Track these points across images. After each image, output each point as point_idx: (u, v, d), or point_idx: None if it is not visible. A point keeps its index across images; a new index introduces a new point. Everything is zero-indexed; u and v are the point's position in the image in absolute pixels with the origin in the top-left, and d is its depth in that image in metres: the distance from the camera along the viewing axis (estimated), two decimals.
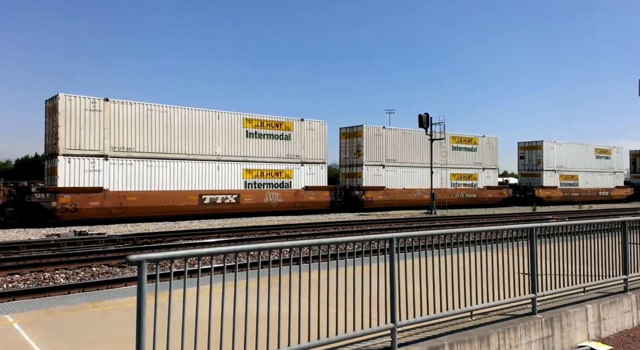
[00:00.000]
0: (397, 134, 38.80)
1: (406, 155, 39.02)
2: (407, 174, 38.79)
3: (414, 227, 22.76)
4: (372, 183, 36.60)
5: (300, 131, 32.88)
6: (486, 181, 44.07)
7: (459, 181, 42.34)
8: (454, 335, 5.05)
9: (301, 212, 32.17)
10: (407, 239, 5.01)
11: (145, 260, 3.28)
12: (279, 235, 18.78)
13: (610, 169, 54.50)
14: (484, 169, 43.98)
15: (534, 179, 48.20)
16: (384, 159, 37.64)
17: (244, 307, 3.78)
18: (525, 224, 6.48)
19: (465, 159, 42.87)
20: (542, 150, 48.06)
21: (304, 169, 33.01)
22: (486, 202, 43.29)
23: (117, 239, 17.27)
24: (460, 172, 42.47)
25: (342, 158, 38.36)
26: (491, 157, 44.67)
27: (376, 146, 37.07)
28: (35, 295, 8.82)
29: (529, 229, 6.06)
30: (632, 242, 7.54)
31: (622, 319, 7.04)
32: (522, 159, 49.91)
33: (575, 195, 49.46)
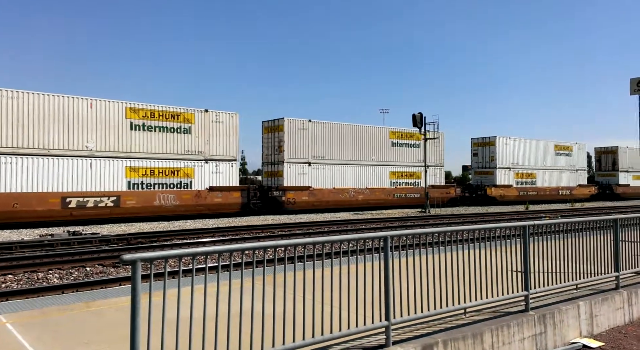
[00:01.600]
0: (326, 128, 34.74)
1: (338, 151, 35.00)
2: (338, 172, 34.82)
3: (407, 225, 22.83)
4: (296, 182, 32.73)
5: (204, 124, 28.55)
6: (430, 179, 40.10)
7: (400, 180, 38.54)
8: (447, 333, 5.09)
9: (205, 216, 28.21)
10: (401, 237, 5.04)
11: (139, 259, 3.28)
12: (274, 234, 18.78)
13: (572, 167, 51.62)
14: (428, 167, 39.58)
15: (488, 177, 45.44)
16: (310, 156, 33.51)
17: (239, 306, 3.78)
18: (518, 222, 6.53)
19: (407, 156, 39.30)
20: (496, 147, 45.11)
21: (208, 167, 28.72)
22: (431, 202, 38.52)
23: (111, 238, 17.21)
24: (401, 170, 38.73)
25: (264, 155, 34.40)
26: (437, 154, 41.21)
27: (300, 141, 33.10)
28: (29, 295, 8.78)
29: (521, 227, 6.11)
30: (623, 240, 7.61)
31: (613, 315, 7.11)
32: (476, 156, 47.07)
33: (532, 194, 46.75)
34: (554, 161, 49.60)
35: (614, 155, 56.29)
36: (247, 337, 3.81)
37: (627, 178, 56.21)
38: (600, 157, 58.24)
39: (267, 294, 3.97)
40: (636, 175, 57.74)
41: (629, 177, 56.50)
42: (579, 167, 52.51)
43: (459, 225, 8.96)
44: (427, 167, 37.59)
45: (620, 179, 55.54)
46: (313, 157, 33.83)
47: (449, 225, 22.69)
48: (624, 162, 56.03)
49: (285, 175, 32.38)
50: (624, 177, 55.94)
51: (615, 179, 55.55)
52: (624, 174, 56.11)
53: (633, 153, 56.84)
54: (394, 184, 38.04)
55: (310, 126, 33.83)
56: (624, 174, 56.11)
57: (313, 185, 33.48)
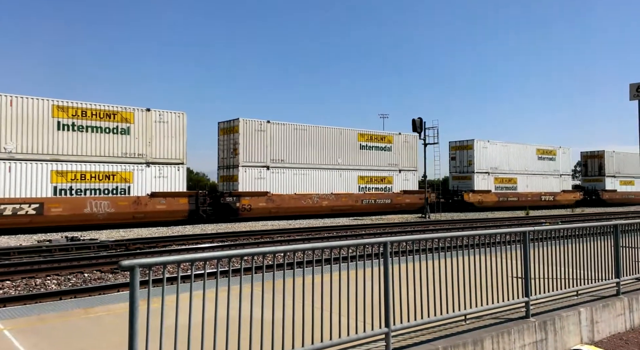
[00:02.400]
0: (287, 130, 32.27)
1: (300, 154, 32.65)
2: (301, 177, 32.48)
3: (407, 231, 22.79)
4: (253, 187, 30.44)
5: (145, 124, 26.08)
6: (403, 184, 37.85)
7: (369, 185, 36.05)
8: (448, 340, 5.05)
9: (144, 224, 25.80)
10: (401, 243, 5.01)
11: (137, 265, 3.26)
12: (273, 240, 18.73)
13: (555, 172, 49.35)
14: (400, 171, 37.73)
15: (465, 183, 43.34)
16: (269, 159, 31.22)
17: (238, 312, 3.76)
18: (518, 228, 6.51)
19: (378, 160, 36.64)
20: (474, 150, 42.95)
21: (150, 171, 26.21)
22: (403, 208, 37.38)
23: (110, 244, 17.15)
24: (371, 175, 36.20)
25: (220, 158, 32.07)
26: (410, 157, 38.60)
27: (258, 144, 30.84)
28: (27, 301, 8.73)
29: (522, 233, 6.09)
30: (624, 246, 7.59)
31: (614, 322, 7.08)
32: (454, 160, 45.04)
33: (513, 200, 44.70)
34: (536, 166, 47.65)
35: (600, 159, 54.16)
36: (245, 344, 3.78)
37: (614, 183, 54.08)
38: (586, 161, 55.96)
39: (267, 300, 3.94)
40: (624, 180, 55.51)
41: (615, 183, 54.34)
42: (563, 172, 50.42)
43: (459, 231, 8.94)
44: (400, 170, 36.35)
45: (607, 184, 53.48)
46: (272, 160, 31.44)
47: (449, 231, 22.65)
48: (611, 167, 53.99)
49: (240, 180, 30.04)
50: (610, 182, 53.86)
51: (601, 184, 53.52)
52: (611, 179, 53.98)
53: (620, 157, 54.98)
54: (362, 189, 35.58)
55: (269, 127, 31.47)
56: (611, 179, 53.98)
57: (272, 190, 31.07)
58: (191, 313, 3.49)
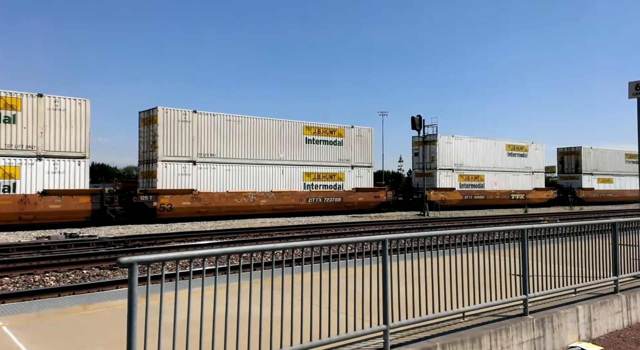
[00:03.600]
0: (217, 121, 29.26)
1: (235, 148, 29.67)
2: (234, 173, 29.57)
3: (406, 228, 22.81)
4: (177, 185, 27.30)
5: (36, 112, 23.04)
6: (356, 182, 35.07)
7: (317, 182, 33.14)
8: (446, 337, 5.07)
9: (37, 226, 22.64)
10: (399, 240, 5.02)
11: (136, 262, 3.26)
12: (272, 237, 18.74)
13: (527, 169, 46.65)
14: (353, 167, 34.93)
15: (428, 180, 40.12)
16: (196, 153, 28.12)
17: (237, 309, 3.76)
18: (516, 225, 6.52)
19: (327, 155, 33.86)
20: (437, 146, 40.45)
21: (42, 166, 23.04)
22: (355, 208, 34.71)
23: (109, 241, 17.16)
24: (319, 171, 33.33)
25: (141, 152, 28.69)
26: (364, 152, 35.81)
27: (182, 136, 27.74)
28: (25, 298, 8.73)
29: (520, 230, 6.10)
30: (622, 244, 7.61)
31: (612, 319, 7.10)
32: (417, 156, 42.26)
33: (479, 198, 42.18)
34: (505, 162, 45.18)
35: (577, 156, 51.52)
36: (244, 340, 3.79)
37: (591, 181, 51.66)
38: (563, 158, 53.08)
39: (265, 297, 3.94)
40: (602, 178, 52.92)
41: (593, 180, 51.94)
42: (536, 168, 47.62)
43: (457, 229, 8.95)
44: (353, 167, 34.54)
45: (584, 182, 51.03)
46: (200, 154, 28.31)
47: (447, 229, 22.68)
48: (588, 164, 51.52)
49: (159, 176, 26.80)
50: (587, 180, 51.39)
51: (578, 182, 51.03)
52: (588, 176, 51.49)
53: (598, 154, 52.61)
54: (308, 186, 32.64)
55: (196, 118, 28.32)
56: (588, 176, 51.49)
57: (200, 188, 27.99)
58: (189, 310, 3.49)
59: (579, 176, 51.17)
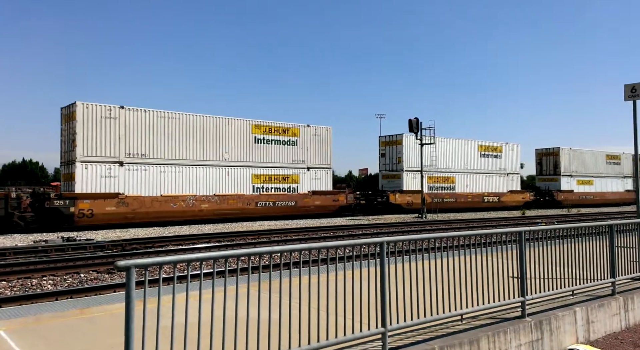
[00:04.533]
0: (149, 118, 26.52)
1: (171, 149, 27.17)
2: (171, 175, 27.02)
3: (404, 231, 22.82)
4: (100, 188, 24.60)
5: None
6: (313, 184, 32.81)
7: (268, 184, 30.92)
8: (444, 339, 5.07)
9: None
10: (397, 243, 5.02)
11: (133, 266, 3.25)
12: (270, 240, 18.73)
13: (501, 170, 44.70)
14: (309, 169, 32.65)
15: (394, 182, 38.74)
16: (123, 153, 25.42)
17: (234, 312, 3.76)
18: (514, 228, 6.53)
19: (279, 156, 31.62)
20: (403, 146, 38.46)
21: None
22: (312, 212, 32.33)
23: (106, 244, 17.12)
24: (270, 173, 31.08)
25: (62, 152, 26.01)
26: (322, 153, 33.46)
27: (106, 134, 25.05)
28: (22, 302, 8.70)
29: (517, 233, 6.11)
30: (619, 246, 7.63)
31: (610, 321, 7.11)
32: (383, 157, 39.99)
33: (449, 201, 40.16)
34: (478, 163, 43.04)
35: (555, 157, 49.67)
36: (242, 344, 3.78)
37: (570, 183, 49.86)
38: (541, 159, 51.12)
39: (263, 300, 3.94)
40: (581, 179, 50.98)
41: (572, 182, 50.12)
42: (511, 170, 45.68)
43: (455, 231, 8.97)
44: (309, 168, 32.45)
45: (562, 184, 49.10)
46: (128, 155, 25.63)
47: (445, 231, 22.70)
48: (567, 165, 49.74)
49: (78, 179, 24.12)
50: (566, 181, 49.54)
51: (556, 183, 49.15)
52: (567, 178, 49.67)
53: (577, 155, 50.89)
54: (258, 189, 30.39)
55: (123, 114, 25.62)
56: (567, 178, 49.67)
57: (128, 191, 25.38)
58: (187, 313, 3.49)
59: (557, 178, 49.50)
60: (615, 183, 54.66)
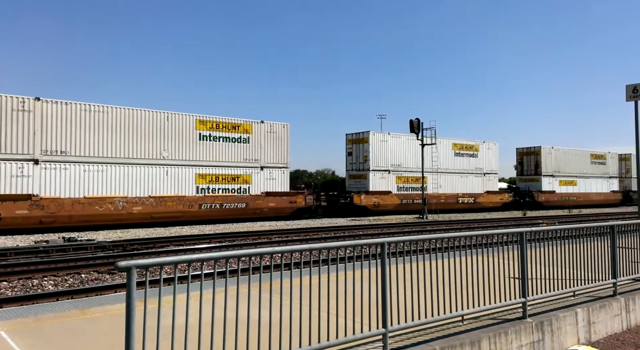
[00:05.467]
0: (72, 111, 23.96)
1: (99, 145, 24.65)
2: (98, 174, 24.49)
3: (405, 232, 22.81)
4: (11, 189, 22.17)
5: None
6: (268, 185, 30.51)
7: (214, 185, 28.40)
8: (445, 340, 5.06)
9: None
10: (398, 243, 5.02)
11: (134, 266, 3.25)
12: (271, 240, 18.72)
13: (477, 170, 42.71)
14: (262, 168, 30.31)
15: (361, 182, 36.54)
16: (38, 150, 22.98)
17: (235, 313, 3.75)
18: (515, 228, 6.52)
19: (228, 154, 29.15)
20: (369, 144, 36.27)
21: None
22: (265, 214, 30.06)
23: (107, 245, 17.12)
24: (217, 173, 28.60)
25: None
26: (278, 151, 31.16)
27: (17, 129, 22.55)
28: (23, 302, 8.70)
29: (519, 233, 6.10)
30: (621, 246, 7.61)
31: (611, 322, 7.09)
32: (350, 155, 37.67)
33: (420, 202, 37.10)
34: (451, 163, 41.00)
35: (536, 156, 47.65)
36: (243, 344, 3.78)
37: (552, 184, 47.83)
38: (522, 159, 49.16)
39: (264, 301, 3.94)
40: (564, 180, 48.98)
41: (554, 183, 48.06)
42: (488, 170, 43.55)
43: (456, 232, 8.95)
44: (262, 168, 30.28)
45: (544, 185, 47.17)
46: (45, 152, 23.13)
47: (446, 232, 22.68)
48: (549, 165, 47.80)
49: None
50: (548, 182, 47.55)
51: (537, 184, 47.16)
52: (549, 178, 47.70)
53: (560, 155, 48.99)
54: (202, 190, 27.93)
55: (39, 107, 23.09)
56: (549, 178, 47.70)
57: (45, 193, 22.91)
58: (188, 314, 3.48)
59: (538, 178, 47.42)
60: (601, 183, 52.82)
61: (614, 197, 53.46)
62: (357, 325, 4.50)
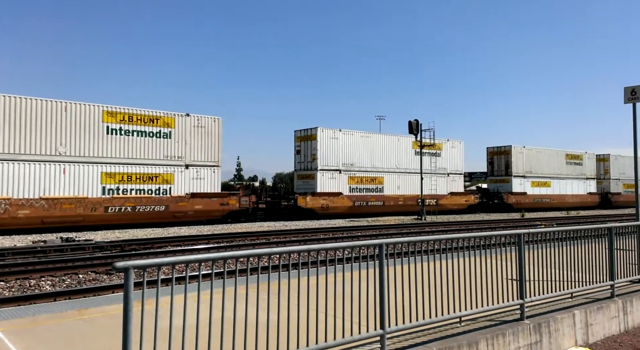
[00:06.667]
0: None
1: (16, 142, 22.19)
2: None
3: (403, 233, 22.82)
4: None
5: None
6: (194, 185, 27.52)
7: (126, 185, 25.20)
8: (443, 342, 5.06)
9: None
10: (396, 245, 5.02)
11: (132, 267, 3.24)
12: (269, 241, 18.71)
13: (441, 170, 40.45)
14: (187, 167, 27.37)
15: (309, 183, 33.78)
16: None
17: (233, 314, 3.75)
18: (513, 230, 6.53)
19: (146, 150, 26.05)
20: (317, 142, 33.37)
21: None
22: (189, 218, 27.12)
23: (105, 245, 17.09)
24: (129, 171, 25.33)
25: None
26: (208, 148, 28.22)
27: None
28: (20, 302, 8.68)
29: (517, 235, 6.11)
30: (618, 248, 7.63)
31: (609, 324, 7.10)
32: (299, 154, 34.84)
33: (376, 204, 35.49)
34: (412, 163, 38.34)
35: (507, 156, 45.51)
36: (240, 345, 3.77)
37: (523, 185, 45.78)
38: (492, 158, 46.88)
39: (262, 302, 3.93)
40: (536, 181, 46.82)
41: (526, 184, 46.01)
42: (452, 170, 41.23)
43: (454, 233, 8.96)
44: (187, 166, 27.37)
45: (514, 186, 45.01)
46: None
47: (444, 233, 22.70)
48: (520, 165, 45.72)
49: None
50: (519, 183, 45.47)
51: (508, 185, 45.05)
52: (520, 179, 45.58)
53: (532, 154, 46.86)
54: (110, 191, 24.78)
55: None
56: (520, 179, 45.58)
57: None
58: (185, 314, 3.48)
59: (508, 179, 45.29)
60: (577, 185, 50.51)
61: (591, 199, 51.09)
62: (354, 327, 4.50)
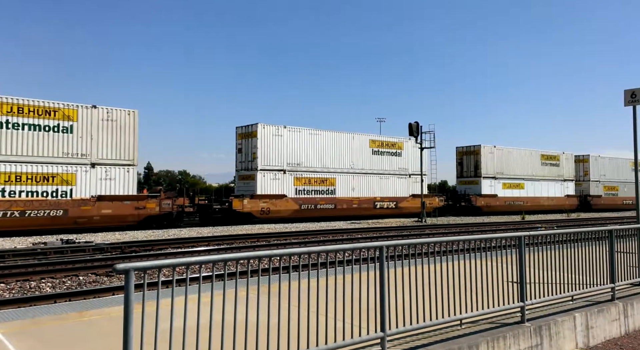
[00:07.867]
0: None
1: None
2: None
3: (404, 235, 22.80)
4: None
5: None
6: (104, 187, 24.36)
7: (15, 186, 22.14)
8: (443, 344, 5.05)
9: None
10: (396, 247, 5.02)
11: (132, 269, 3.24)
12: (270, 243, 18.70)
13: (402, 170, 37.58)
14: (94, 166, 24.32)
15: (249, 184, 30.81)
16: None
17: (233, 316, 3.75)
18: (514, 232, 6.53)
19: (38, 147, 22.92)
20: (258, 139, 30.37)
21: None
22: (95, 224, 23.83)
23: (105, 247, 17.08)
24: (19, 171, 22.19)
25: None
26: (121, 145, 25.16)
27: None
28: (21, 304, 8.68)
29: (517, 237, 6.11)
30: (619, 251, 7.62)
31: (609, 327, 7.09)
32: (240, 153, 31.92)
33: (326, 208, 32.59)
34: (369, 163, 35.72)
35: (476, 156, 42.71)
36: (241, 348, 3.77)
37: (493, 187, 42.99)
38: (462, 159, 43.95)
39: (262, 304, 3.93)
40: (508, 183, 44.14)
41: (496, 186, 43.23)
42: (413, 171, 38.09)
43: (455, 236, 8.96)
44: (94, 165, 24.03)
45: (484, 188, 42.22)
46: None
47: (445, 235, 22.68)
48: (490, 166, 42.99)
49: None
50: (489, 184, 42.68)
51: (477, 187, 42.32)
52: (490, 180, 42.80)
53: (504, 154, 44.20)
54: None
55: None
56: (490, 180, 42.80)
57: None
58: (186, 317, 3.47)
59: (478, 180, 42.50)
60: (553, 187, 47.86)
61: (569, 202, 48.10)
62: (355, 329, 4.50)
